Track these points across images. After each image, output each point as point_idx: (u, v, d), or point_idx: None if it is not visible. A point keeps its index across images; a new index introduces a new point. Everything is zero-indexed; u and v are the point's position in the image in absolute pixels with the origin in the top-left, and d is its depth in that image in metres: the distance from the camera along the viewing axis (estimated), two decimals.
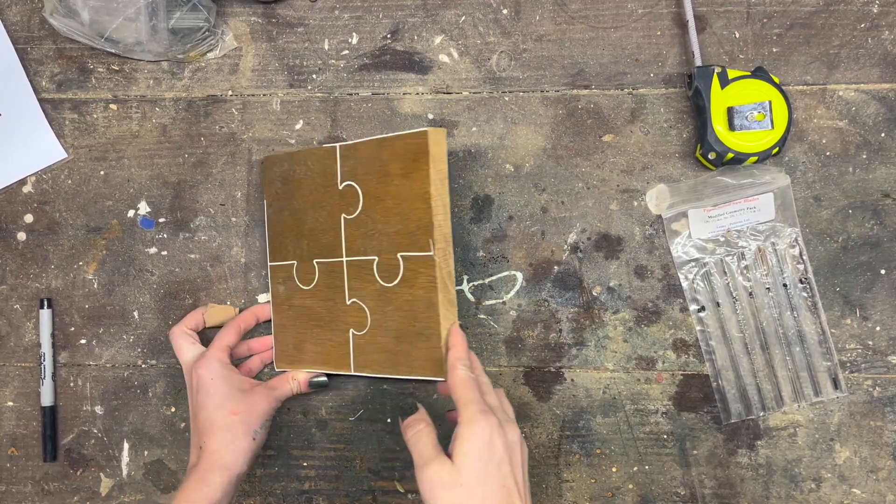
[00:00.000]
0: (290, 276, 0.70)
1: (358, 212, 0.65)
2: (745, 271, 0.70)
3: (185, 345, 0.69)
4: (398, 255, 0.63)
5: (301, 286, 0.69)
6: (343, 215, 0.66)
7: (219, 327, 0.71)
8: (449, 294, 0.61)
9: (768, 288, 0.70)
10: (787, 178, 0.70)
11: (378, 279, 0.64)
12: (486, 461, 0.53)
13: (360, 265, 0.65)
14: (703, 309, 0.70)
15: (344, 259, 0.67)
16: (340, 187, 0.66)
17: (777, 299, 0.70)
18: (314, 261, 0.68)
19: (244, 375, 0.68)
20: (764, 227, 0.70)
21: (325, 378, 0.70)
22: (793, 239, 0.70)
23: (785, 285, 0.70)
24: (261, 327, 0.73)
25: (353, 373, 0.67)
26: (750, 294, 0.70)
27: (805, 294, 0.70)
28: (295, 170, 0.69)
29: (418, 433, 0.56)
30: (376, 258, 0.64)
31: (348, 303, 0.67)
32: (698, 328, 0.70)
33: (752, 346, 0.70)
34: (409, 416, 0.58)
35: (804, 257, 0.70)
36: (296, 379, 0.69)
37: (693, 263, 0.70)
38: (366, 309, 0.65)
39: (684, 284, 0.70)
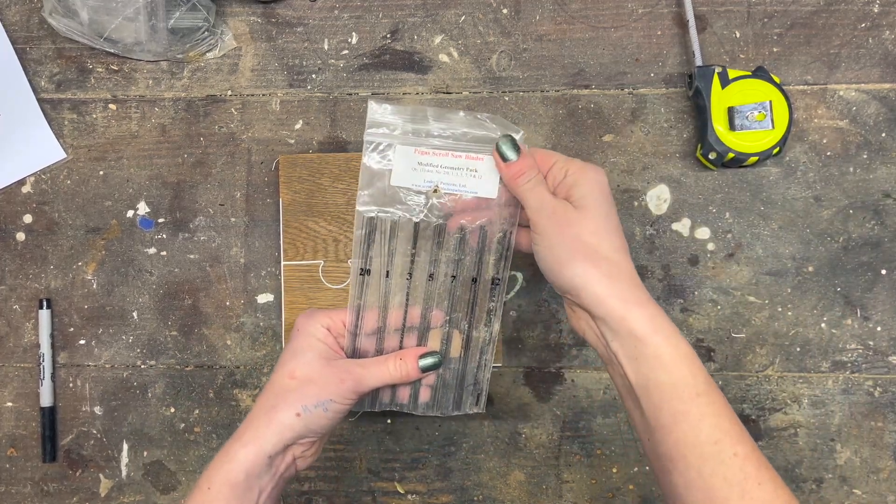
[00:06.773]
0: (314, 275, 0.71)
1: None
2: (436, 247, 0.59)
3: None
4: None
5: (328, 285, 0.71)
6: None
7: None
8: None
9: (454, 277, 0.59)
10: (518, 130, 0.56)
11: None
12: (608, 201, 0.53)
13: None
14: (368, 272, 0.59)
15: None
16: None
17: (455, 291, 0.59)
18: (349, 261, 0.70)
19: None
20: (485, 206, 0.58)
21: (438, 355, 0.58)
22: (503, 235, 0.59)
23: (475, 280, 0.60)
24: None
25: None
26: (430, 277, 0.59)
27: (493, 295, 0.60)
28: (321, 172, 0.71)
29: (535, 180, 0.54)
30: None
31: None
32: (355, 291, 0.59)
33: (409, 335, 0.60)
34: (511, 162, 0.54)
35: (508, 258, 0.60)
36: (402, 359, 0.56)
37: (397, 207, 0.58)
38: None
39: (359, 233, 0.58)
